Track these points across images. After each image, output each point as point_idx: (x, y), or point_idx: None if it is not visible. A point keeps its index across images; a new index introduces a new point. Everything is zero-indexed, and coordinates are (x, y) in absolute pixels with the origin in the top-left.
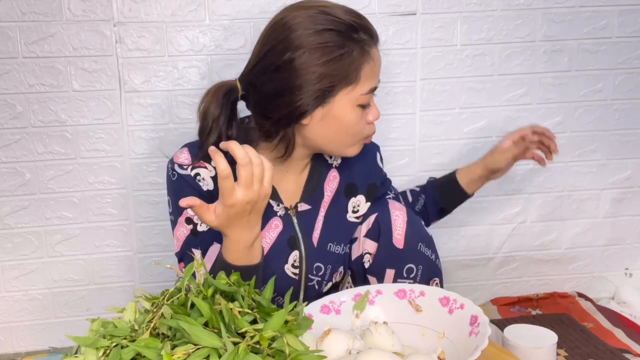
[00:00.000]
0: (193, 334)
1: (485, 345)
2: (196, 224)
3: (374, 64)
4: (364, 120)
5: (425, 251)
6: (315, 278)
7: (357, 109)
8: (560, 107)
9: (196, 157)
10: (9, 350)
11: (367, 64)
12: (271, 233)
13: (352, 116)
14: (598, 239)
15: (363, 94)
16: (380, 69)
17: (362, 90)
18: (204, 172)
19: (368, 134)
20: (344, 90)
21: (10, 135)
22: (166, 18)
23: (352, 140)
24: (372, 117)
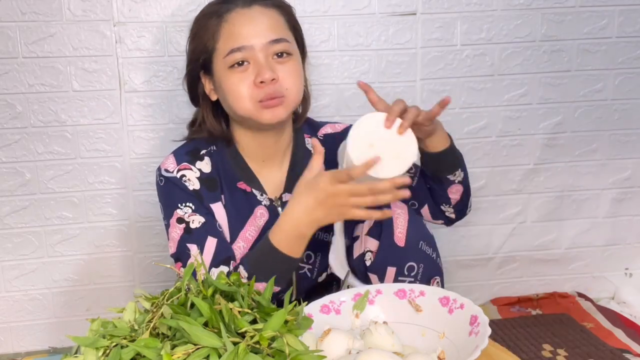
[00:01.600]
0: (193, 334)
1: (485, 345)
2: (188, 222)
3: (230, 26)
4: (246, 84)
5: (426, 250)
6: (306, 266)
7: (231, 72)
8: (560, 107)
9: (182, 161)
10: (9, 350)
11: (223, 28)
12: (258, 221)
13: (228, 81)
14: (598, 239)
15: (225, 56)
16: (251, 28)
17: (223, 52)
18: (189, 173)
19: (259, 96)
20: (215, 58)
21: (10, 135)
22: (166, 18)
23: (247, 105)
24: (259, 77)
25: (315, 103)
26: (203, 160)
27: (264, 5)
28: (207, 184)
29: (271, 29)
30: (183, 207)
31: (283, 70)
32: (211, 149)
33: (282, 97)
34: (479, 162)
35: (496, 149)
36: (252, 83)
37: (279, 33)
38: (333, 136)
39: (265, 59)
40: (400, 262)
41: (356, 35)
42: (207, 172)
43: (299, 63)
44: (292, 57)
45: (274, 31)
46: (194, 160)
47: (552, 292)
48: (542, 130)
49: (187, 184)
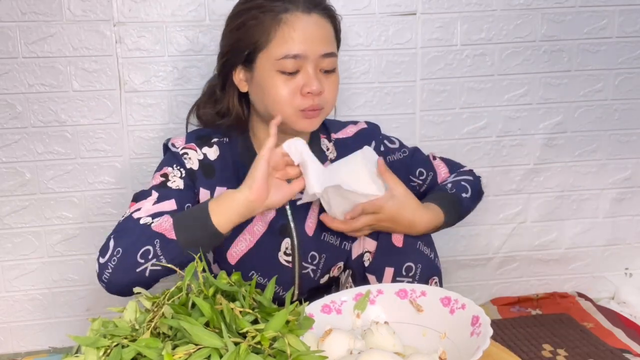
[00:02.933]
0: (194, 334)
1: (487, 346)
2: (169, 180)
3: (289, 30)
4: (291, 89)
5: (424, 250)
6: (310, 266)
7: (278, 75)
8: (560, 107)
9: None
10: (9, 350)
11: (280, 29)
12: (265, 216)
13: (272, 82)
14: (598, 239)
15: (278, 59)
16: (308, 37)
17: (275, 55)
18: (192, 153)
19: (302, 106)
20: (260, 55)
21: (10, 135)
22: (166, 18)
23: (288, 110)
24: (307, 88)
25: None
26: (212, 148)
27: (322, 15)
28: (205, 169)
29: (325, 42)
30: (174, 169)
31: (327, 83)
32: (224, 140)
33: (322, 109)
34: (479, 162)
35: (496, 149)
36: (296, 90)
37: (331, 47)
38: (344, 141)
39: (314, 69)
40: (398, 263)
41: (356, 35)
42: (211, 160)
43: (338, 75)
44: (335, 71)
45: (328, 44)
46: (202, 145)
47: (552, 292)
48: (542, 130)
49: (185, 161)
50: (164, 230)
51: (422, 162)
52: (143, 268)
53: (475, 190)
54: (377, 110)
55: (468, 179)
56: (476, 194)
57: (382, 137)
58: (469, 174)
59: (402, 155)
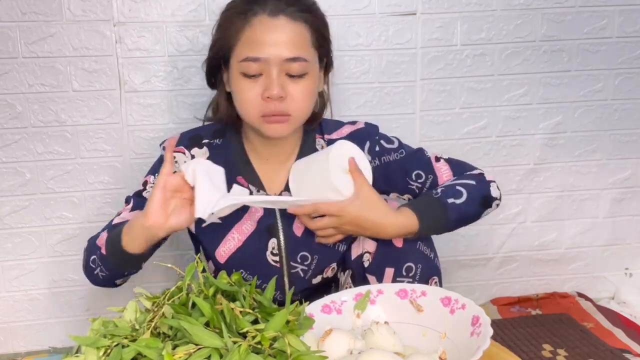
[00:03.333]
0: (194, 334)
1: (487, 346)
2: (145, 189)
3: (253, 32)
4: (254, 93)
5: (424, 250)
6: (300, 266)
7: (242, 77)
8: (560, 107)
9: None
10: (9, 350)
11: (245, 31)
12: (253, 216)
13: (238, 85)
14: (598, 239)
15: (240, 61)
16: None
17: (239, 56)
18: (180, 156)
19: (264, 111)
20: (232, 56)
21: (10, 135)
22: (166, 18)
23: (251, 115)
24: (266, 92)
25: None
26: (201, 149)
27: (291, 17)
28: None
29: (291, 46)
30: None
31: (294, 89)
32: (215, 141)
33: (287, 115)
34: (479, 162)
35: (496, 149)
36: (259, 94)
37: (298, 51)
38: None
39: (278, 74)
40: (398, 263)
41: (356, 35)
42: None
43: (313, 81)
44: (307, 76)
45: (294, 48)
46: (191, 147)
47: (552, 292)
48: (542, 130)
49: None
50: (101, 245)
51: (421, 164)
52: (96, 272)
53: (477, 196)
54: (377, 110)
55: (469, 183)
56: (477, 199)
57: (380, 137)
58: (473, 178)
59: (399, 156)
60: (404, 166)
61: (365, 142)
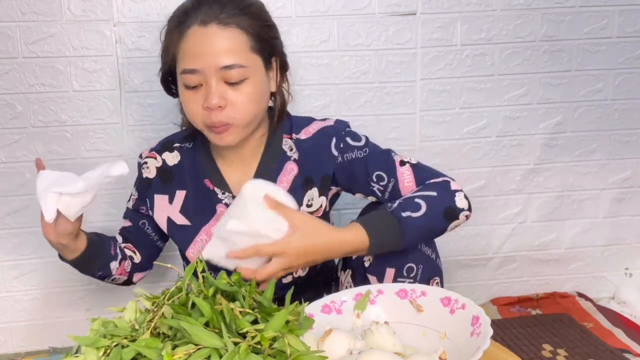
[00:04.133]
0: (194, 334)
1: (487, 346)
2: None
3: (186, 44)
4: (196, 104)
5: (425, 250)
6: None
7: (185, 89)
8: (560, 107)
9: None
10: (9, 350)
11: (181, 44)
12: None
13: (181, 96)
14: (598, 239)
15: (180, 74)
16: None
17: (179, 69)
18: (151, 161)
19: (206, 121)
20: (176, 68)
21: (10, 135)
22: (166, 18)
23: (198, 125)
24: (205, 103)
25: (315, 103)
26: (172, 153)
27: (223, 24)
28: (163, 174)
29: (226, 54)
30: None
31: (234, 96)
32: (186, 145)
33: (227, 125)
34: (479, 162)
35: (496, 149)
36: (201, 104)
37: (234, 57)
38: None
39: (217, 83)
40: (399, 263)
41: (356, 35)
42: (170, 165)
43: (256, 85)
44: (247, 81)
45: (228, 56)
46: (162, 151)
47: (552, 292)
48: (542, 130)
49: (143, 171)
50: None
51: (384, 165)
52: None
53: (439, 208)
54: (377, 110)
55: (429, 195)
56: (439, 211)
57: (346, 133)
58: (435, 188)
59: (362, 154)
60: (365, 165)
61: (332, 139)
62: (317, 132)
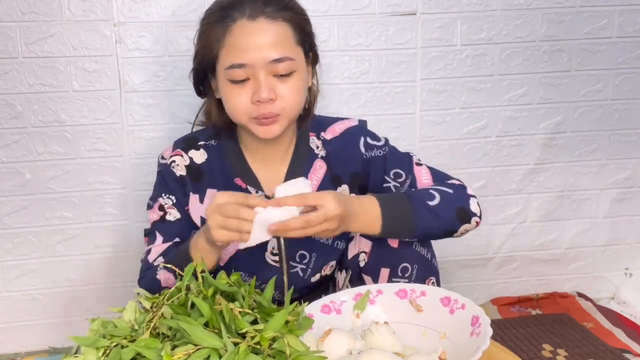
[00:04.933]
0: (193, 334)
1: (487, 346)
2: (166, 212)
3: (234, 39)
4: (243, 98)
5: (420, 250)
6: (299, 265)
7: (230, 84)
8: (560, 107)
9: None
10: (9, 350)
11: (226, 39)
12: None
13: (225, 92)
14: (598, 239)
15: (226, 69)
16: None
17: (224, 64)
18: (179, 159)
19: (254, 114)
20: (217, 64)
21: (10, 135)
22: (166, 18)
23: (242, 119)
24: (255, 96)
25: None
26: (198, 151)
27: (270, 18)
28: (193, 173)
29: (275, 47)
30: (166, 197)
31: (283, 89)
32: (211, 143)
33: (277, 115)
34: (479, 162)
35: (496, 149)
36: (249, 99)
37: (283, 51)
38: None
39: (266, 77)
40: (394, 263)
41: (356, 35)
42: (198, 163)
43: (301, 78)
44: (294, 74)
45: (278, 49)
46: (188, 149)
47: (552, 292)
48: (542, 130)
49: (174, 169)
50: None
51: (403, 164)
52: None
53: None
54: (377, 110)
55: (445, 190)
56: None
57: (368, 132)
58: (452, 187)
59: (382, 152)
60: (384, 163)
61: (360, 138)
62: (344, 132)
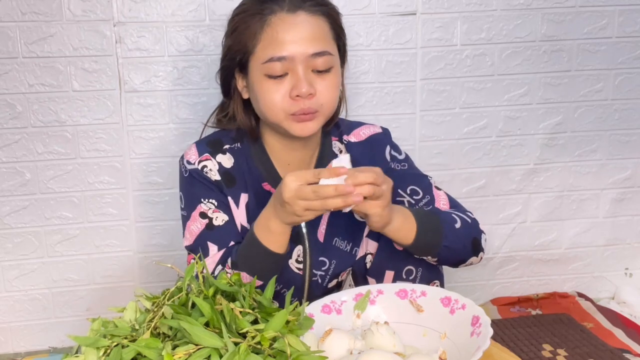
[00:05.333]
0: (194, 334)
1: (487, 346)
2: (211, 218)
3: (273, 31)
4: (281, 93)
5: None
6: (319, 272)
7: (267, 79)
8: (560, 107)
9: (203, 152)
10: (9, 350)
11: (265, 32)
12: None
13: (262, 87)
14: (598, 239)
15: (263, 63)
16: (294, 38)
17: (261, 58)
18: (209, 163)
19: (292, 110)
20: (252, 60)
21: (10, 135)
22: (166, 18)
23: (279, 116)
24: (295, 91)
25: None
26: (225, 155)
27: (310, 12)
28: (225, 178)
29: (315, 40)
30: (206, 202)
31: (321, 85)
32: (236, 146)
33: (315, 112)
34: (479, 162)
35: (496, 149)
36: (286, 94)
37: (322, 45)
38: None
39: (305, 71)
40: (399, 266)
41: (356, 35)
42: (227, 168)
43: (338, 75)
44: (332, 70)
45: (318, 43)
46: (215, 153)
47: (552, 292)
48: (542, 130)
49: (208, 174)
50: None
51: (421, 184)
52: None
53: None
54: (377, 110)
55: (464, 218)
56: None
57: (392, 143)
58: (469, 217)
59: (401, 166)
60: (402, 178)
61: (386, 146)
62: (369, 138)
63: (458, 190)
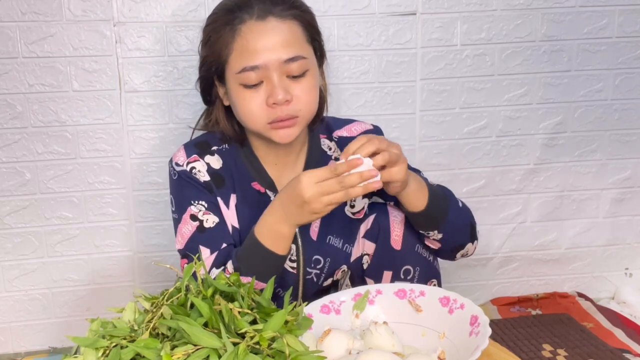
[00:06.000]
0: (193, 335)
1: (485, 346)
2: (202, 220)
3: (244, 41)
4: (257, 102)
5: (422, 252)
6: (314, 271)
7: (242, 89)
8: (560, 107)
9: (192, 153)
10: (9, 350)
11: (236, 42)
12: None
13: (239, 97)
14: (598, 239)
15: (237, 73)
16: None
17: (235, 68)
18: (198, 164)
19: (271, 118)
20: (227, 69)
21: (10, 135)
22: (166, 18)
23: (257, 124)
24: (271, 99)
25: None
26: (213, 156)
27: (281, 17)
28: (215, 179)
29: (287, 46)
30: (196, 204)
31: (298, 89)
32: (223, 147)
33: (295, 117)
34: (479, 162)
35: (496, 149)
36: (263, 102)
37: (295, 50)
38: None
39: (279, 78)
40: (396, 266)
41: (356, 35)
42: (216, 169)
43: (315, 77)
44: (308, 73)
45: (290, 48)
46: (203, 154)
47: (552, 292)
48: (542, 130)
49: (197, 176)
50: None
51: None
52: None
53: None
54: (377, 110)
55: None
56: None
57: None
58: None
59: None
60: None
61: None
62: (362, 133)
63: (458, 190)
